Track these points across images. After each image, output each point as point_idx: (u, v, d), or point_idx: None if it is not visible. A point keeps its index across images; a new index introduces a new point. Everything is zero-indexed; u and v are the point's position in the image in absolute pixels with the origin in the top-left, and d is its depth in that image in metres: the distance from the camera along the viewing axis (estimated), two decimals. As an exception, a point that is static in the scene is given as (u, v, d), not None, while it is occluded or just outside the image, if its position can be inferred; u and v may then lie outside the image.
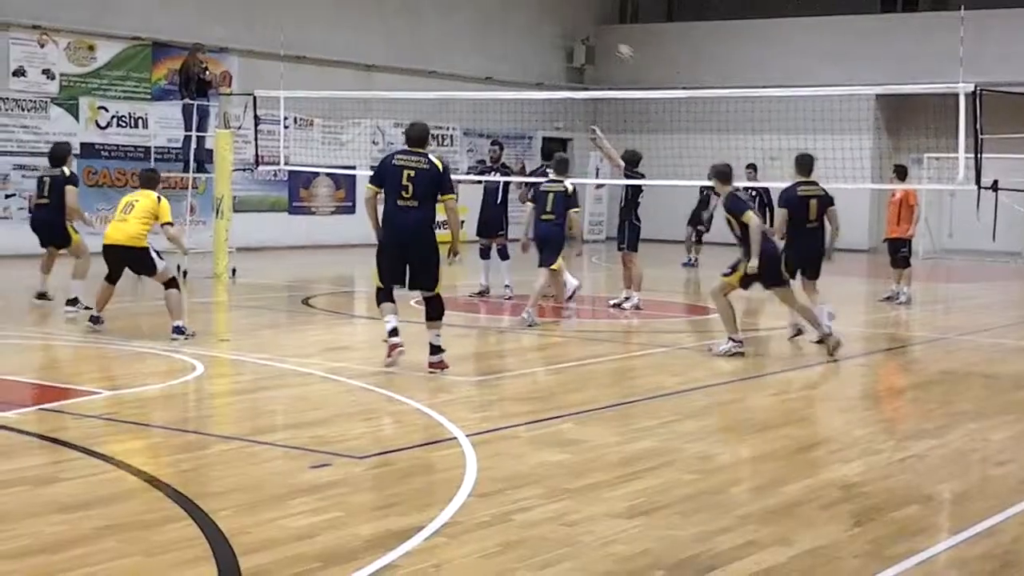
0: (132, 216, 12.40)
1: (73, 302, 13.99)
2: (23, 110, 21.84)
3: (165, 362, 10.79)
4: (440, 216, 10.56)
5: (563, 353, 12.42)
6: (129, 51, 23.29)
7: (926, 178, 27.62)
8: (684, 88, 22.17)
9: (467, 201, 29.25)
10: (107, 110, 23.02)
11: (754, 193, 20.51)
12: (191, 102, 19.72)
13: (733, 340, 11.70)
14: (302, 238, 25.75)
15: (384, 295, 10.67)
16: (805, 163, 12.89)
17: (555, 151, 16.20)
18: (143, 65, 23.53)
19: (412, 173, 10.33)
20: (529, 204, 14.57)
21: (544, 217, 14.25)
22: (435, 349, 10.50)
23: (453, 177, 10.82)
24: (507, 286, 16.32)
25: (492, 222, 16.69)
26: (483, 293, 16.50)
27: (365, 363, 10.91)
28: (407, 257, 10.45)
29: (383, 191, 10.48)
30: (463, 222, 11.50)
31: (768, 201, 20.53)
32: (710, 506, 6.57)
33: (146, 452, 7.42)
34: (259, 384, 10.09)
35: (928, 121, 25.42)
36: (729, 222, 11.85)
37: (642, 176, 15.70)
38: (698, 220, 23.11)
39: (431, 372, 10.38)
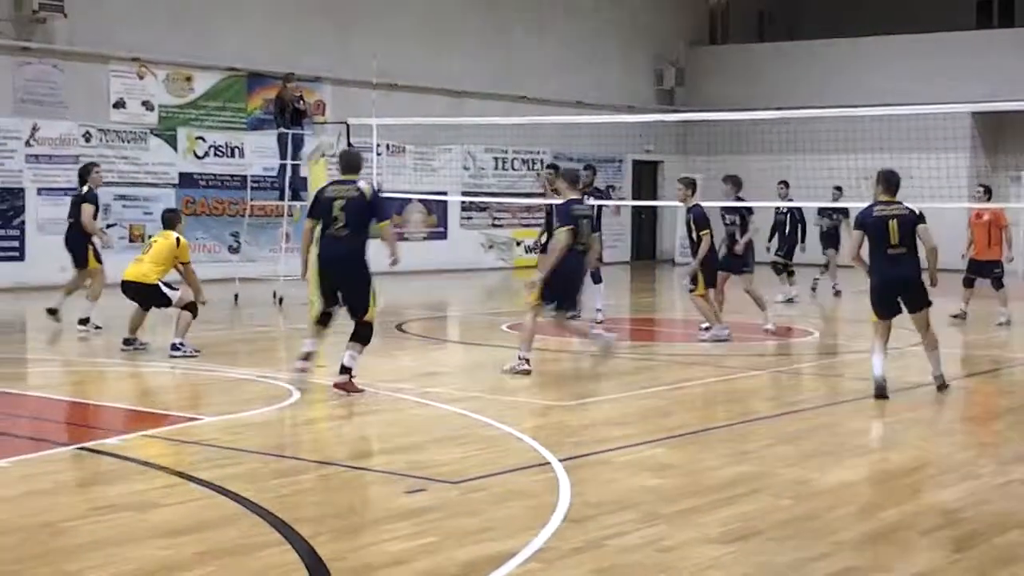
0: (147, 257, 12.89)
1: (84, 322, 14.51)
2: (123, 141, 22.34)
3: (263, 388, 10.94)
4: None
5: (656, 377, 12.37)
6: (225, 82, 23.75)
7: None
8: (776, 108, 22.05)
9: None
10: (204, 140, 23.47)
11: (784, 211, 20.34)
12: (286, 131, 20.02)
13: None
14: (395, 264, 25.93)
15: (323, 318, 11.00)
16: (891, 181, 11.02)
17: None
18: (239, 95, 23.96)
19: (343, 203, 10.61)
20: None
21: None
22: (344, 369, 10.64)
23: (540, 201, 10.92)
24: (599, 310, 16.24)
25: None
26: (574, 317, 16.27)
27: (459, 388, 10.97)
28: (338, 284, 10.79)
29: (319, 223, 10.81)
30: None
31: (801, 218, 20.29)
32: (806, 532, 6.51)
33: (245, 478, 7.53)
34: (354, 410, 10.19)
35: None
36: (689, 232, 13.10)
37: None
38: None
39: (336, 391, 10.50)
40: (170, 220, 13.28)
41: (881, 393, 10.59)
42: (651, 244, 32.97)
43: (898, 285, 10.81)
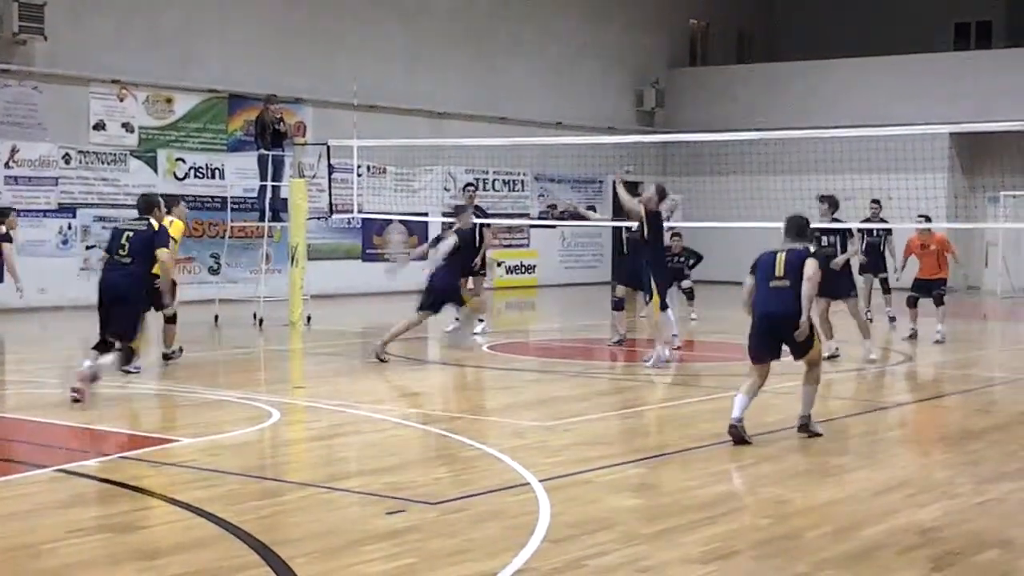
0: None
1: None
2: (103, 163, 22.31)
3: (242, 410, 10.92)
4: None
5: (637, 397, 12.39)
6: (206, 103, 23.75)
7: (1003, 217, 27.30)
8: (755, 130, 22.13)
9: (546, 245, 29.27)
10: (184, 161, 23.46)
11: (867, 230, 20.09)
12: (266, 152, 20.02)
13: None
14: (376, 285, 25.97)
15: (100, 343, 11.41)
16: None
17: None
18: (219, 117, 23.96)
19: (131, 234, 11.52)
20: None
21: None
22: (89, 374, 11.04)
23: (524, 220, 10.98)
24: (674, 335, 15.82)
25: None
26: (620, 342, 16.16)
27: (439, 409, 10.96)
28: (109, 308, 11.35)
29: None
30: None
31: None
32: (785, 551, 6.53)
33: (224, 499, 7.51)
34: (334, 431, 10.18)
35: (1004, 159, 25.19)
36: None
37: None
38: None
39: (72, 395, 10.86)
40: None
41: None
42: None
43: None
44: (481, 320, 17.64)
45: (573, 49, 30.73)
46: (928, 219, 17.67)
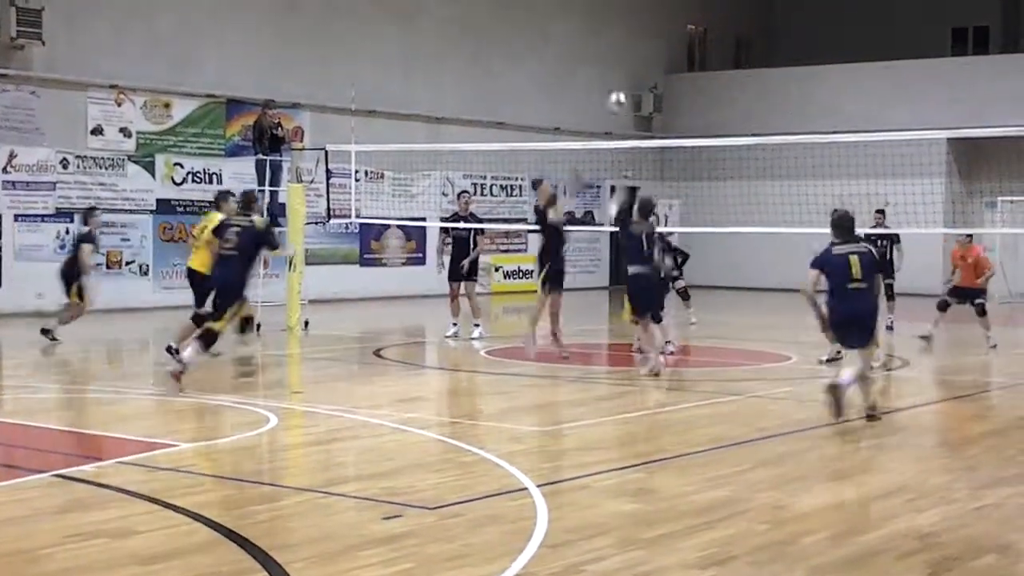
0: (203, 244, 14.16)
1: (45, 332, 16.07)
2: (101, 168, 22.31)
3: (240, 414, 10.92)
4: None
5: (635, 402, 12.40)
6: (204, 108, 23.75)
7: (1000, 222, 27.32)
8: (753, 135, 22.17)
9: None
10: (182, 166, 23.46)
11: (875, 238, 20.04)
12: (264, 157, 20.02)
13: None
14: (373, 290, 25.97)
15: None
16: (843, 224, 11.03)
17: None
18: (217, 122, 23.96)
19: (238, 229, 12.63)
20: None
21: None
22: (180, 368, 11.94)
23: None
24: (668, 341, 15.97)
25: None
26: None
27: (436, 414, 10.96)
28: None
29: None
30: None
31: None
32: (783, 556, 6.53)
33: (221, 504, 7.51)
34: (332, 435, 10.18)
35: (1002, 164, 25.21)
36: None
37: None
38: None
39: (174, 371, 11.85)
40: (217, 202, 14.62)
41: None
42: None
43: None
44: (477, 325, 17.69)
45: (571, 54, 30.75)
46: (970, 237, 17.86)
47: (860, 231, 14.77)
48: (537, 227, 15.55)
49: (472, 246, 17.83)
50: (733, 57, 35.43)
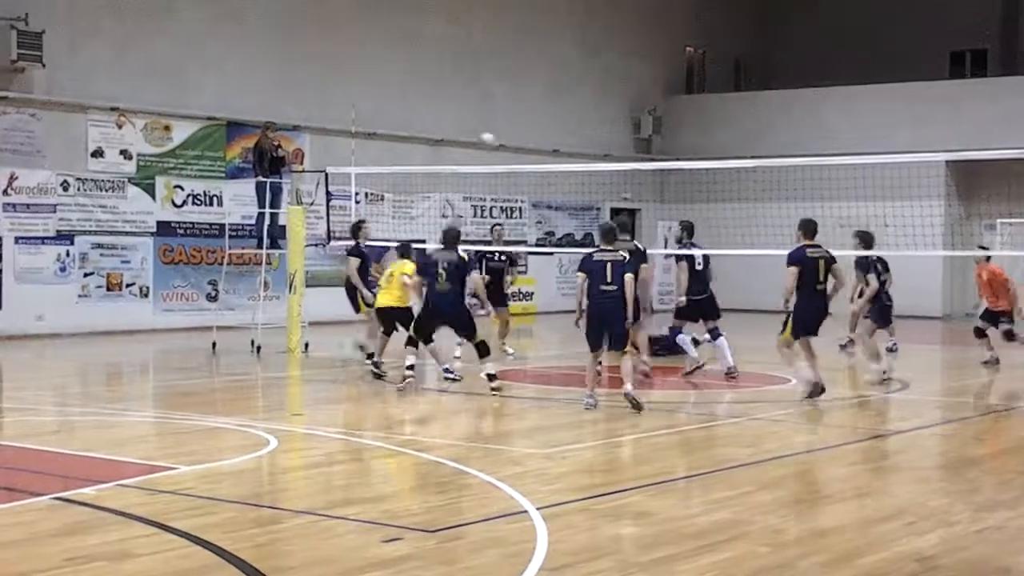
0: (394, 286, 15.04)
1: (370, 356, 16.05)
2: (101, 190, 22.34)
3: (240, 437, 10.92)
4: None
5: (635, 424, 12.38)
6: (204, 131, 23.80)
7: (1000, 244, 27.33)
8: (752, 157, 22.20)
9: (543, 272, 29.24)
10: (183, 188, 23.49)
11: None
12: (264, 179, 20.06)
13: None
14: (373, 311, 25.91)
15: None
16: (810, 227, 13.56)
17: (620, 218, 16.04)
18: (218, 144, 24.01)
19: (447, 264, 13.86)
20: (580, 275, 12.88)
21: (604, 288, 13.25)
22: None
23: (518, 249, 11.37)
24: (643, 361, 15.95)
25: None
26: (695, 370, 16.11)
27: (436, 436, 10.95)
28: None
29: None
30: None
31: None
32: (783, 579, 6.52)
33: (222, 527, 7.50)
34: (332, 458, 10.17)
35: (1001, 186, 25.24)
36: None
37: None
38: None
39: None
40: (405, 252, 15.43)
41: (820, 390, 13.01)
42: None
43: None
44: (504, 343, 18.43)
45: (569, 76, 30.84)
46: (984, 248, 17.71)
47: (844, 253, 14.90)
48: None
49: (506, 276, 18.75)
50: (732, 79, 35.52)
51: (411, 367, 13.98)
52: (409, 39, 27.23)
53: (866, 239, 15.74)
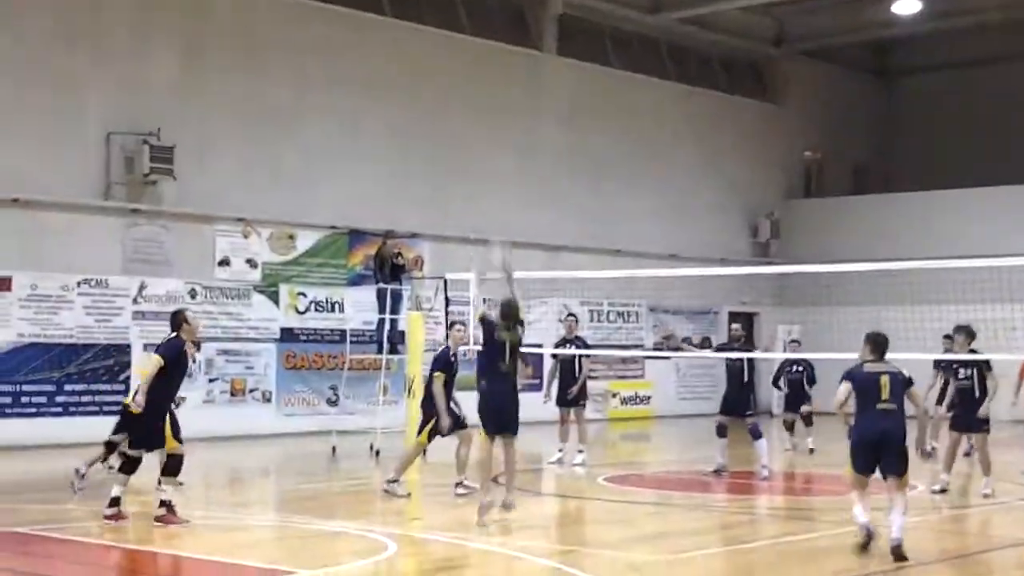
0: None
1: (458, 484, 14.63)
2: (227, 298, 22.88)
3: (359, 542, 10.98)
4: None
5: (757, 531, 12.20)
6: (327, 239, 24.31)
7: None
8: (872, 260, 21.92)
9: (660, 376, 29.02)
10: (306, 295, 23.95)
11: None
12: (385, 286, 20.38)
13: None
14: (492, 416, 25.95)
15: None
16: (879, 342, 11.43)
17: (738, 325, 16.16)
18: (340, 252, 24.49)
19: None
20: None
21: None
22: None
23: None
24: (764, 466, 15.96)
25: (739, 401, 16.68)
26: (719, 471, 16.22)
27: (553, 541, 10.89)
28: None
29: None
30: None
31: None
32: None
33: (339, 631, 7.54)
34: (449, 563, 10.18)
35: None
36: None
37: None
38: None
39: None
40: None
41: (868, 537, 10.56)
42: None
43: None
44: (581, 451, 17.66)
45: (688, 181, 30.90)
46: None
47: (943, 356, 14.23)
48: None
49: (578, 370, 17.90)
50: (851, 182, 35.28)
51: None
52: (528, 145, 27.59)
53: (971, 333, 14.95)
